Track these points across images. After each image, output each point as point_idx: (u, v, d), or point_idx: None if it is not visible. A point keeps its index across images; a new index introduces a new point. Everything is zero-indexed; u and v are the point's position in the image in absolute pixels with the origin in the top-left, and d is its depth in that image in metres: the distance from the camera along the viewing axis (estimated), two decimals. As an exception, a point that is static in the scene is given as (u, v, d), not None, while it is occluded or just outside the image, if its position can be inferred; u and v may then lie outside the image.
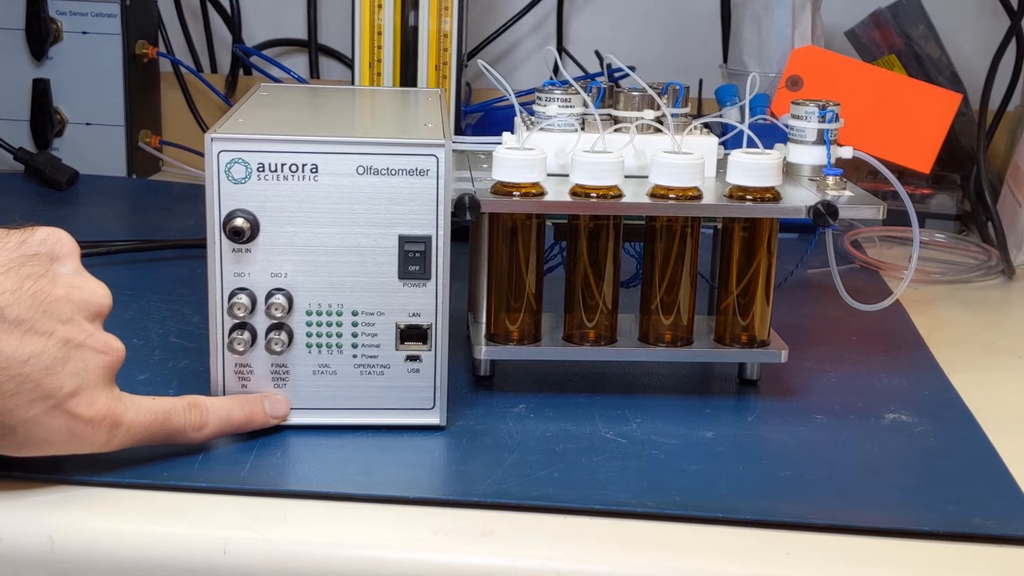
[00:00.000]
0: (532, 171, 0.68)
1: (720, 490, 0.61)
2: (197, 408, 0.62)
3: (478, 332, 0.74)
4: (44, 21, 1.23)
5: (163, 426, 0.60)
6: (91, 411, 0.57)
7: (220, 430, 0.63)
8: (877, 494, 0.62)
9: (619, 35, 1.37)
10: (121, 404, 0.58)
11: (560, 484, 0.61)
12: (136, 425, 0.59)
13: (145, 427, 0.59)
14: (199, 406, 0.62)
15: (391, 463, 0.63)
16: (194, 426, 0.62)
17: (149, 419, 0.59)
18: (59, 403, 0.56)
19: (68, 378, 0.56)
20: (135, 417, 0.59)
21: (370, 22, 1.05)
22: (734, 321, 0.74)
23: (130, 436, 0.59)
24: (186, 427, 0.61)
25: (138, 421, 0.59)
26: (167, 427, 0.60)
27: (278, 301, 0.64)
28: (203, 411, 0.62)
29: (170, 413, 0.61)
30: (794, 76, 1.04)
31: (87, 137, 1.26)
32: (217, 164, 0.63)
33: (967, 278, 1.03)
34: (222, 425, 0.63)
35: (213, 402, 0.63)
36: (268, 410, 0.65)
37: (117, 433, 0.58)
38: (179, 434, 0.61)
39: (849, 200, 0.72)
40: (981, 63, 1.21)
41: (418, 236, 0.64)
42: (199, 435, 0.62)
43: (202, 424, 0.62)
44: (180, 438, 0.61)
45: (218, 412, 0.63)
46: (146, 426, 0.59)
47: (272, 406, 0.65)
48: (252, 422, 0.64)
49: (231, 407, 0.64)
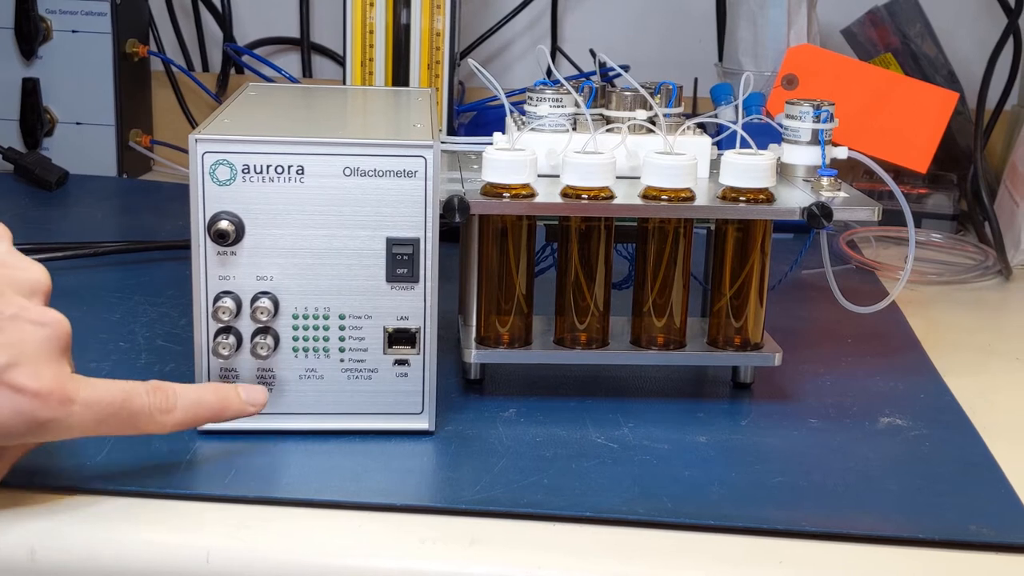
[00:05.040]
0: (522, 172, 0.67)
1: (712, 497, 0.60)
2: (162, 391, 0.57)
3: (468, 335, 0.73)
4: (34, 20, 1.22)
5: (124, 405, 0.55)
6: (36, 383, 0.52)
7: (191, 416, 0.58)
8: (871, 500, 0.61)
9: (614, 33, 1.37)
10: (73, 382, 0.54)
11: (550, 491, 0.60)
12: (92, 403, 0.54)
13: (103, 406, 0.54)
14: (163, 389, 0.57)
15: (379, 469, 0.62)
16: (160, 408, 0.57)
17: (107, 398, 0.54)
18: None
19: (6, 347, 0.51)
20: (90, 395, 0.54)
21: (362, 21, 1.04)
22: (727, 323, 0.73)
23: (88, 415, 0.54)
24: (151, 409, 0.56)
25: (94, 398, 0.54)
26: (129, 407, 0.55)
27: (264, 305, 0.63)
28: (168, 394, 0.57)
29: (130, 393, 0.56)
30: (789, 75, 1.03)
31: (77, 137, 1.25)
32: (201, 165, 0.62)
33: (964, 279, 1.03)
34: (193, 409, 0.58)
35: (181, 387, 0.58)
36: (244, 397, 0.61)
37: (72, 411, 0.53)
38: (144, 417, 0.56)
39: (844, 201, 0.71)
40: (978, 62, 1.21)
41: (406, 239, 0.63)
42: (167, 419, 0.57)
43: (169, 407, 0.57)
44: (146, 422, 0.56)
45: (187, 396, 0.58)
46: (104, 405, 0.54)
47: (248, 394, 0.62)
48: (226, 408, 0.60)
49: (201, 392, 0.59)
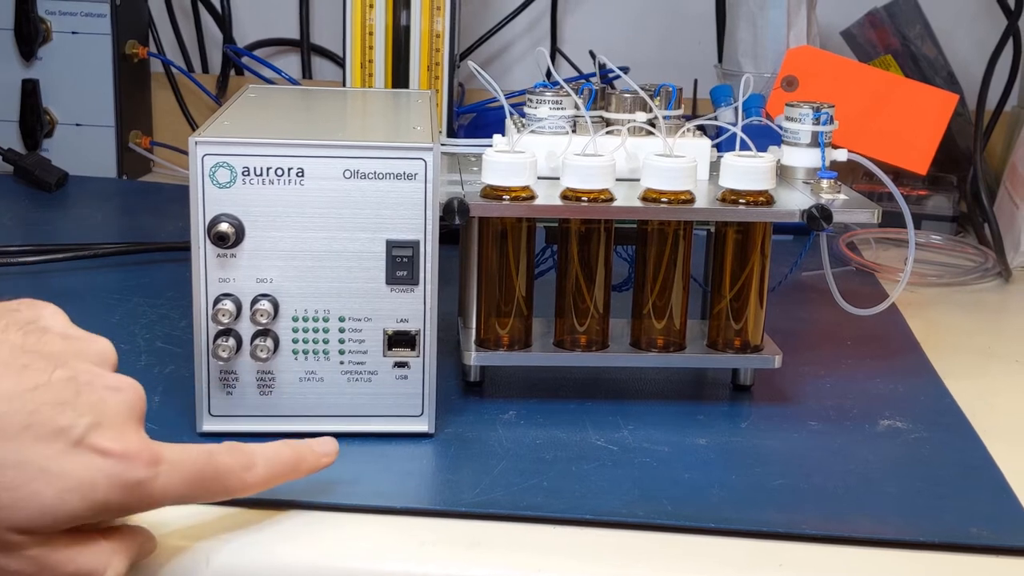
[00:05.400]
0: (522, 174, 0.67)
1: (712, 499, 0.60)
2: (239, 449, 0.55)
3: (468, 337, 0.73)
4: (33, 21, 1.22)
5: (210, 463, 0.53)
6: (121, 445, 0.49)
7: (272, 472, 0.56)
8: (871, 503, 0.61)
9: (613, 35, 1.36)
10: (156, 443, 0.51)
11: (550, 493, 0.60)
12: (179, 462, 0.51)
13: (189, 464, 0.51)
14: (240, 447, 0.55)
15: (378, 472, 0.62)
16: (243, 466, 0.54)
17: (192, 456, 0.52)
18: (81, 438, 0.48)
19: (86, 409, 0.49)
20: (177, 454, 0.51)
21: (362, 22, 1.04)
22: (727, 325, 0.73)
23: (176, 475, 0.51)
24: (234, 466, 0.54)
25: (180, 458, 0.51)
26: (215, 464, 0.53)
27: (263, 307, 0.63)
28: (246, 451, 0.55)
29: (212, 452, 0.53)
30: (789, 76, 1.03)
31: (77, 138, 1.25)
32: (201, 168, 0.62)
33: (964, 280, 1.02)
34: (271, 464, 0.56)
35: (256, 445, 0.56)
36: (318, 450, 0.58)
37: (161, 471, 0.50)
38: (230, 476, 0.54)
39: (843, 203, 0.71)
40: (978, 63, 1.20)
41: (406, 241, 0.63)
42: (251, 476, 0.55)
43: (250, 464, 0.55)
44: (232, 480, 0.54)
45: (264, 452, 0.56)
46: (190, 464, 0.52)
47: (321, 446, 0.59)
48: (302, 460, 0.58)
49: (277, 448, 0.57)
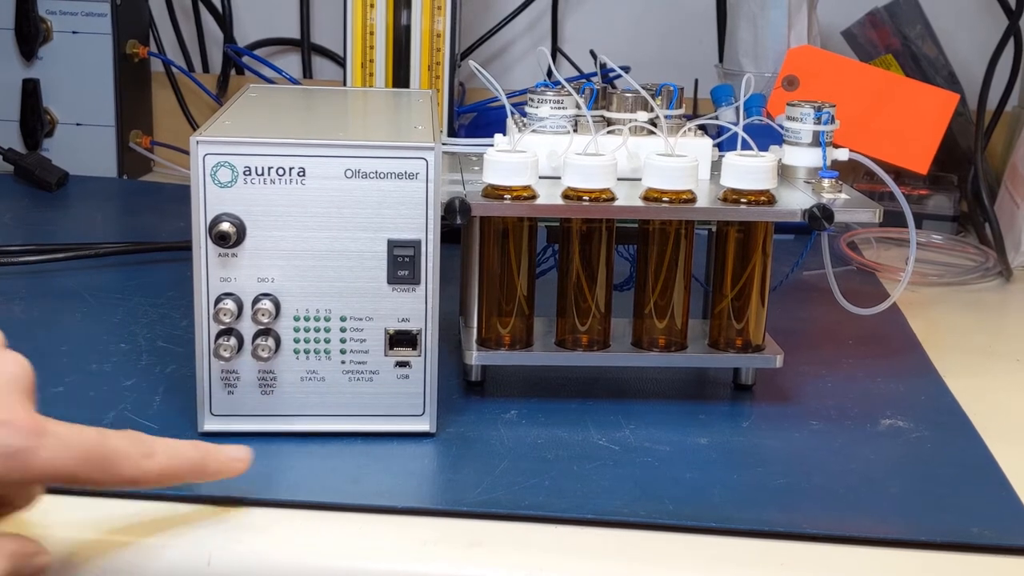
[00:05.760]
0: (523, 174, 0.67)
1: (714, 499, 0.60)
2: (137, 436, 0.53)
3: (469, 337, 0.73)
4: (34, 20, 1.22)
5: (102, 443, 0.51)
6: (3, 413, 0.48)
7: (172, 464, 0.54)
8: (873, 503, 0.61)
9: (614, 34, 1.36)
10: (44, 417, 0.50)
11: (551, 493, 0.60)
12: (68, 436, 0.50)
13: (79, 441, 0.50)
14: (138, 435, 0.53)
15: (379, 471, 0.62)
16: (140, 452, 0.52)
17: (83, 435, 0.50)
18: None
19: None
20: (65, 430, 0.50)
21: (362, 22, 1.04)
22: (729, 325, 0.73)
23: (63, 450, 0.49)
24: (129, 451, 0.52)
25: (68, 433, 0.50)
26: (107, 446, 0.51)
27: (265, 306, 0.63)
28: (144, 439, 0.53)
29: (105, 433, 0.52)
30: (790, 76, 1.03)
31: (77, 137, 1.25)
32: (203, 167, 0.62)
33: (964, 280, 1.02)
34: (172, 457, 0.54)
35: (158, 437, 0.54)
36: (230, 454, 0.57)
37: (45, 443, 0.49)
38: (124, 460, 0.52)
39: (845, 203, 0.71)
40: (979, 63, 1.20)
41: (407, 240, 0.63)
42: (147, 463, 0.52)
43: (148, 452, 0.53)
44: (126, 465, 0.52)
45: (166, 444, 0.54)
46: (80, 440, 0.50)
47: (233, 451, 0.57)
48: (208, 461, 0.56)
49: (181, 443, 0.55)
